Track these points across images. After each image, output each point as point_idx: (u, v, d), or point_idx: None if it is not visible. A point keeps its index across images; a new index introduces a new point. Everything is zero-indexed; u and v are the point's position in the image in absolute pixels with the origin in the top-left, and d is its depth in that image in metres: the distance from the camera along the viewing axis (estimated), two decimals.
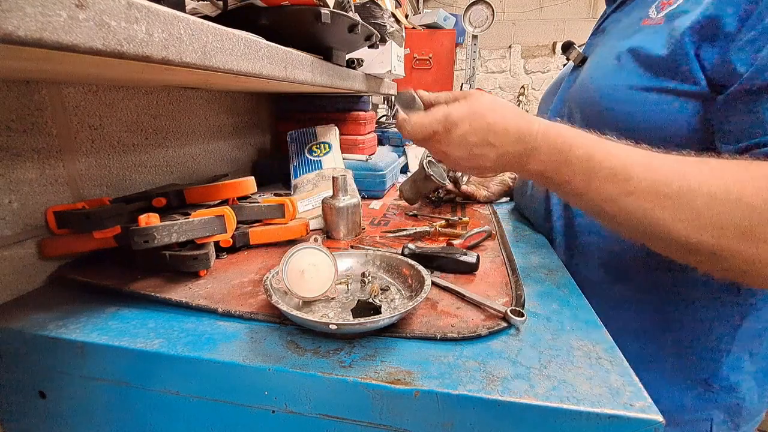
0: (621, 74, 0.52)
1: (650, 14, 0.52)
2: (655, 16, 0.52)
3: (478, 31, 1.80)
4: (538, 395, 0.31)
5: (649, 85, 0.49)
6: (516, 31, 4.16)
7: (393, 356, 0.35)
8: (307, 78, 0.55)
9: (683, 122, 0.48)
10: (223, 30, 0.36)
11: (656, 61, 0.48)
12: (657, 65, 0.48)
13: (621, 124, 0.51)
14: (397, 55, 1.09)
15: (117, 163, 0.61)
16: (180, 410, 0.37)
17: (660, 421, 0.29)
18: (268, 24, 0.52)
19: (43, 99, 0.50)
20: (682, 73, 0.46)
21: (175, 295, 0.44)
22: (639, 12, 0.55)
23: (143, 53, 0.27)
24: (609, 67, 0.54)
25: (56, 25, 0.21)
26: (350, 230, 0.65)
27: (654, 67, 0.49)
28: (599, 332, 0.40)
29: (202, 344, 0.37)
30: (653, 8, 0.52)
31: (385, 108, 1.94)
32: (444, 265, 0.53)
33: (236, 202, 0.60)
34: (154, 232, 0.43)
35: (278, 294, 0.41)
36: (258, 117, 1.04)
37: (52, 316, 0.42)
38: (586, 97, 0.57)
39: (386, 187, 0.97)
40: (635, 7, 0.57)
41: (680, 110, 0.47)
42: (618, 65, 0.52)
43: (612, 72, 0.53)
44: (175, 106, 0.73)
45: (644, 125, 0.50)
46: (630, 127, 0.50)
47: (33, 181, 0.49)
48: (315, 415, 0.34)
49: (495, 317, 0.41)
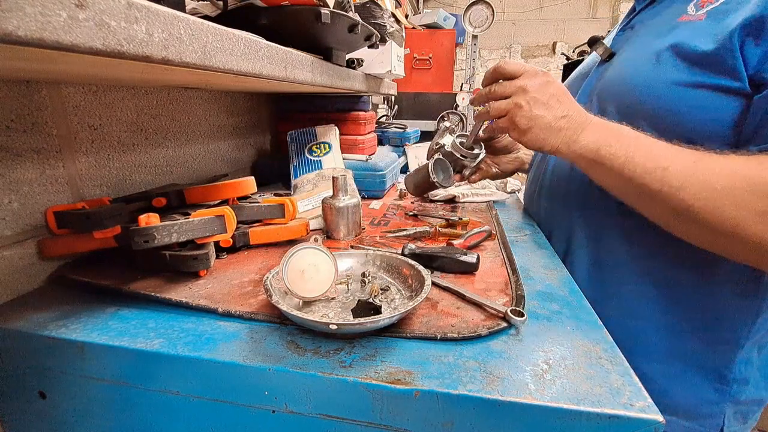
0: (661, 70, 0.52)
1: (689, 11, 0.52)
2: (694, 12, 0.52)
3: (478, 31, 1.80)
4: (538, 395, 0.31)
5: (691, 80, 0.49)
6: (516, 31, 4.16)
7: (393, 356, 0.35)
8: (307, 78, 0.55)
9: (722, 119, 0.48)
10: (223, 30, 0.36)
11: (700, 56, 0.48)
12: (701, 61, 0.48)
13: (659, 119, 0.51)
14: (397, 55, 1.09)
15: (117, 163, 0.61)
16: (180, 410, 0.37)
17: (660, 421, 0.29)
18: (268, 24, 0.52)
19: (43, 99, 0.50)
20: (725, 69, 0.46)
21: (175, 295, 0.44)
22: (674, 9, 0.55)
23: (143, 53, 0.27)
24: (646, 63, 0.54)
25: (56, 25, 0.21)
26: (350, 230, 0.65)
27: (697, 63, 0.49)
28: (599, 332, 0.40)
29: (202, 344, 0.37)
30: (692, 6, 0.52)
31: (385, 108, 1.94)
32: (444, 265, 0.53)
33: (236, 202, 0.60)
34: (154, 232, 0.43)
35: (278, 294, 0.41)
36: (258, 117, 1.04)
37: (52, 316, 0.42)
38: (621, 91, 0.57)
39: (386, 187, 0.97)
40: (669, 5, 0.57)
41: (720, 106, 0.47)
42: (656, 61, 0.52)
43: (650, 68, 0.53)
44: (175, 106, 0.73)
45: (683, 120, 0.50)
46: (669, 122, 0.51)
47: (33, 181, 0.49)
48: (315, 415, 0.34)
49: (495, 317, 0.41)
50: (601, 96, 0.61)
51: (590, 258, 0.63)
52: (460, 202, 0.91)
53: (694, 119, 0.49)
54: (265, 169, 0.98)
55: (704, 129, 0.49)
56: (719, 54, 0.46)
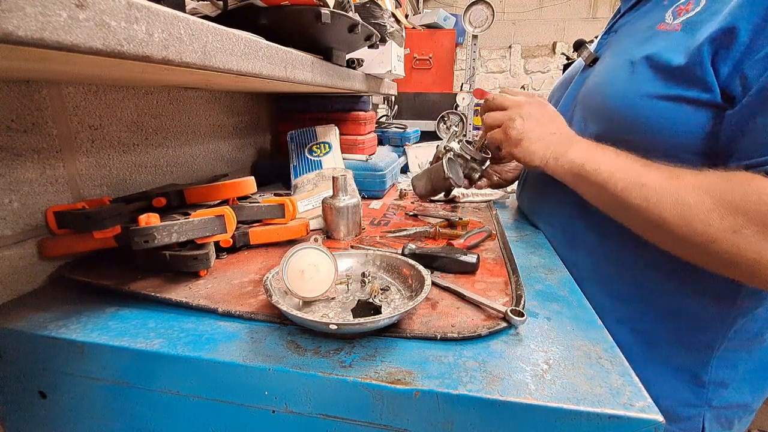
0: (635, 81, 0.52)
1: (666, 19, 0.52)
2: (671, 21, 0.52)
3: (478, 31, 1.79)
4: (538, 395, 0.31)
5: (664, 92, 0.49)
6: (516, 31, 4.16)
7: (393, 356, 0.35)
8: (307, 78, 0.55)
9: (695, 131, 0.48)
10: (223, 30, 0.36)
11: (673, 69, 0.48)
12: (673, 73, 0.48)
13: (635, 129, 0.52)
14: (397, 55, 1.09)
15: (117, 163, 0.61)
16: (180, 410, 0.37)
17: (660, 421, 0.29)
18: (268, 24, 0.52)
19: (43, 99, 0.50)
20: (696, 82, 0.46)
21: (175, 295, 0.44)
22: (654, 15, 0.55)
23: (143, 53, 0.27)
24: (622, 73, 0.54)
25: (56, 25, 0.21)
26: (350, 230, 0.65)
27: (670, 75, 0.49)
28: (599, 332, 0.40)
29: (202, 344, 0.37)
30: (669, 13, 0.52)
31: (385, 108, 1.94)
32: (444, 265, 0.53)
33: (236, 202, 0.60)
34: (154, 232, 0.43)
35: (278, 294, 0.41)
36: (258, 117, 1.04)
37: (52, 316, 0.42)
38: (599, 101, 0.57)
39: (386, 187, 0.97)
40: (650, 10, 0.57)
41: (693, 119, 0.48)
42: (632, 72, 0.52)
43: (626, 78, 0.53)
44: (175, 106, 0.73)
45: (657, 131, 0.50)
46: (644, 132, 0.51)
47: (33, 181, 0.49)
48: (315, 415, 0.34)
49: (495, 317, 0.41)
50: (582, 103, 0.62)
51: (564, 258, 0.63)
52: (460, 202, 0.91)
53: (668, 131, 0.49)
54: (265, 169, 0.98)
55: (678, 140, 0.49)
56: (690, 67, 0.47)
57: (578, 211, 0.60)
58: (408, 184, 1.06)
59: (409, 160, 1.33)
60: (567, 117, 0.65)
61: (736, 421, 0.58)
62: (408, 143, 1.34)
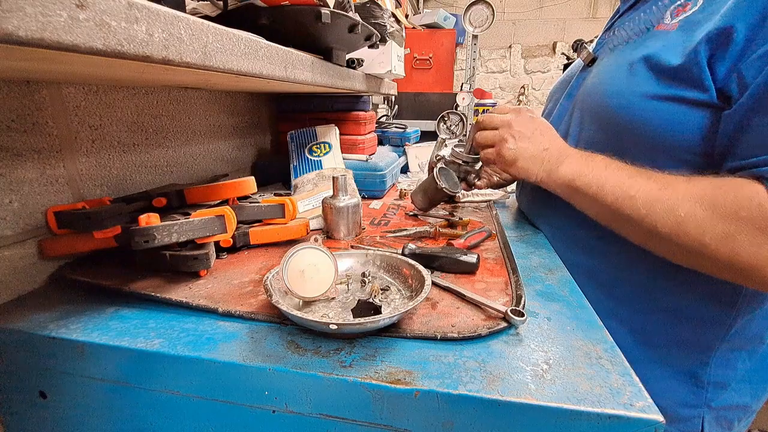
0: (633, 81, 0.52)
1: (665, 19, 0.52)
2: (669, 21, 0.52)
3: (478, 31, 1.79)
4: (538, 395, 0.31)
5: (662, 93, 0.49)
6: (516, 31, 4.16)
7: (393, 356, 0.35)
8: (307, 78, 0.55)
9: (693, 131, 0.48)
10: (223, 30, 0.36)
11: (670, 70, 0.48)
12: (670, 74, 0.48)
13: (633, 129, 0.52)
14: (397, 55, 1.09)
15: (117, 163, 0.61)
16: (180, 410, 0.37)
17: (660, 421, 0.29)
18: (268, 24, 0.52)
19: (43, 99, 0.50)
20: (693, 82, 0.47)
21: (175, 295, 0.44)
22: (653, 15, 0.55)
23: (143, 53, 0.27)
24: (621, 73, 0.54)
25: (56, 25, 0.21)
26: (350, 230, 0.65)
27: (667, 76, 0.49)
28: (599, 332, 0.40)
29: (202, 344, 0.37)
30: (668, 13, 0.52)
31: (385, 108, 1.94)
32: (444, 265, 0.53)
33: (236, 202, 0.60)
34: (155, 232, 0.43)
35: (278, 294, 0.41)
36: (258, 117, 1.04)
37: (52, 316, 0.42)
38: (597, 101, 0.57)
39: (386, 187, 0.97)
40: (648, 9, 0.57)
41: (690, 119, 0.48)
42: (630, 72, 0.52)
43: (624, 78, 0.53)
44: (175, 106, 0.73)
45: (655, 132, 0.50)
46: (642, 132, 0.51)
47: (33, 181, 0.49)
48: (315, 415, 0.34)
49: (495, 317, 0.41)
50: (581, 104, 0.62)
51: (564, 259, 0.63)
52: (460, 202, 0.91)
53: (666, 131, 0.50)
54: (265, 169, 0.98)
55: (676, 141, 0.49)
56: (687, 67, 0.47)
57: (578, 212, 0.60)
58: (408, 184, 1.06)
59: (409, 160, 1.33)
60: (566, 117, 0.65)
61: (736, 422, 0.58)
62: (408, 143, 1.34)
